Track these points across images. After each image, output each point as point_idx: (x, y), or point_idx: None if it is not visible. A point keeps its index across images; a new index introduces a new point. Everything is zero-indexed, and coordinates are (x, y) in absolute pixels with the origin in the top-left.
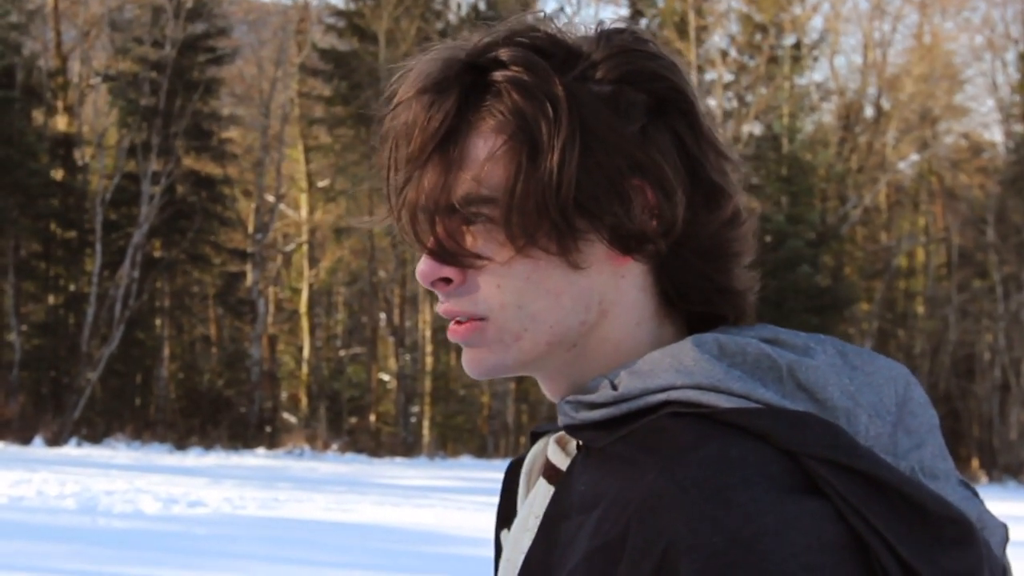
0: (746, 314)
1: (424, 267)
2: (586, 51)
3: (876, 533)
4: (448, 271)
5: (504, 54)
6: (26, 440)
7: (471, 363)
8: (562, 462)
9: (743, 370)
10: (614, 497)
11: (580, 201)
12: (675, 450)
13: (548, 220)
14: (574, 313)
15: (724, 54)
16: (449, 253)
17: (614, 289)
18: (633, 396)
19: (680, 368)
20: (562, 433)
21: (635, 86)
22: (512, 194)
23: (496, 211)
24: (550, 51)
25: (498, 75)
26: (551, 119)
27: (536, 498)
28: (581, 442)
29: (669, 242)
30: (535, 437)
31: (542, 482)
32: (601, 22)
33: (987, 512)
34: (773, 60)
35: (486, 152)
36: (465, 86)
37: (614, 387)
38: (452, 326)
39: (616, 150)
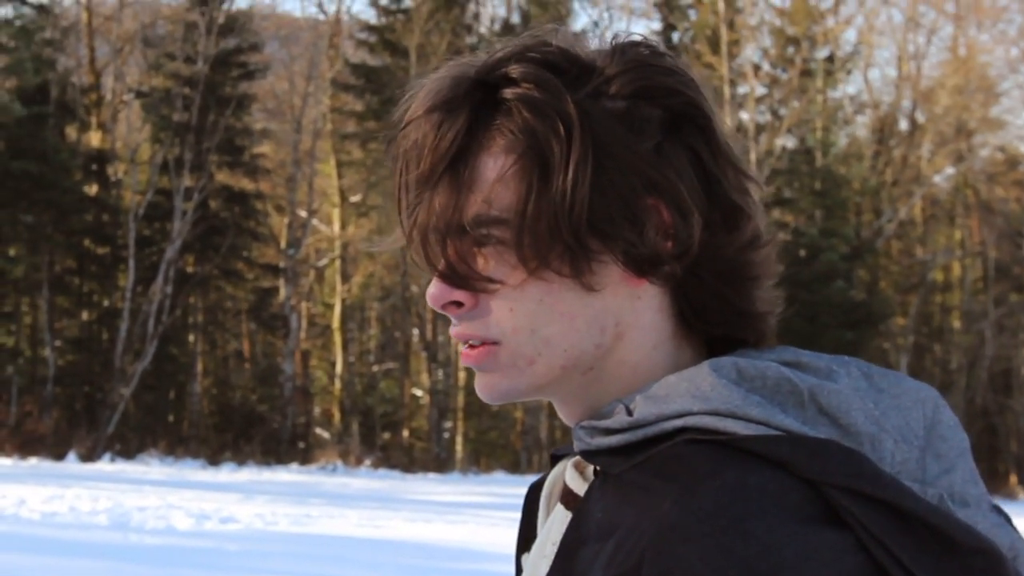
0: (767, 337)
1: (435, 290)
2: (600, 66)
3: (900, 565)
4: (459, 295)
5: (514, 71)
6: (60, 456)
7: (484, 388)
8: (580, 487)
9: (762, 395)
10: (630, 526)
11: (593, 222)
12: (691, 479)
13: (560, 241)
14: (589, 336)
15: (757, 67)
16: (460, 276)
17: (630, 311)
18: (648, 422)
19: (697, 393)
20: (580, 457)
21: (650, 102)
22: (523, 215)
23: (507, 233)
24: (562, 66)
25: (508, 92)
26: (562, 137)
27: (554, 524)
28: (598, 467)
29: (685, 264)
30: (555, 459)
31: (560, 507)
32: (616, 35)
33: (1020, 539)
34: (806, 73)
35: (496, 172)
36: (475, 104)
37: (629, 412)
38: (465, 350)
39: (630, 168)
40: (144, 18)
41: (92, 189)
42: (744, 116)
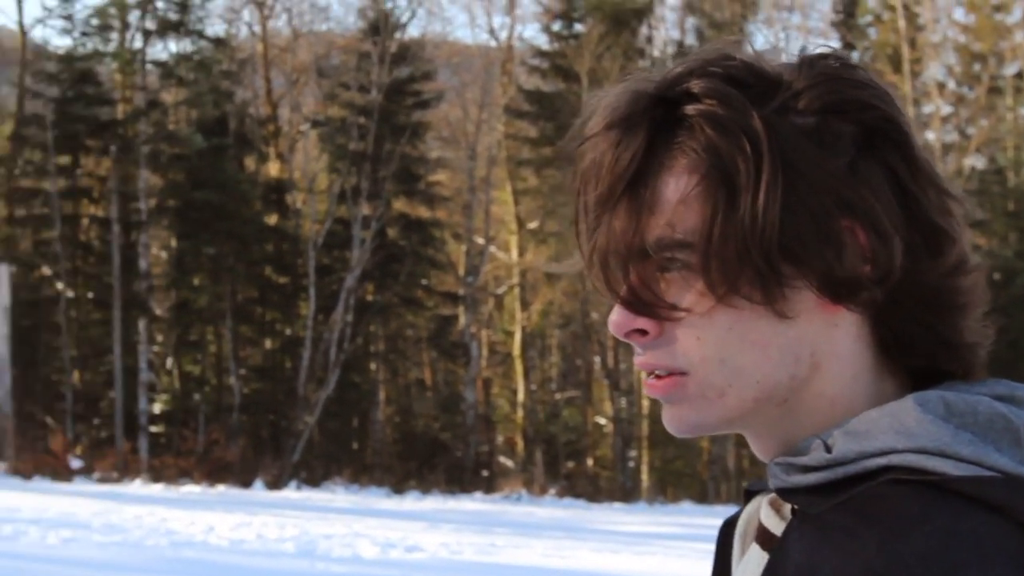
0: (976, 369)
1: (617, 318)
2: (787, 79)
3: None
4: (643, 322)
5: (696, 86)
6: (247, 483)
7: (672, 421)
8: (776, 526)
9: (973, 432)
10: (831, 571)
11: (784, 245)
12: (898, 522)
13: (750, 266)
14: (783, 366)
15: (941, 86)
16: (643, 303)
17: (827, 340)
18: (849, 460)
19: (901, 429)
20: (776, 495)
21: (842, 116)
22: (709, 239)
23: (693, 257)
24: (746, 81)
25: (690, 109)
26: (748, 155)
27: (749, 564)
28: (795, 506)
29: (885, 290)
30: (749, 495)
31: (755, 547)
32: (804, 48)
33: None
34: (994, 91)
35: (679, 193)
36: (655, 122)
37: (828, 449)
38: (651, 381)
39: (822, 188)
40: (318, 49)
41: (272, 219)
42: (930, 136)
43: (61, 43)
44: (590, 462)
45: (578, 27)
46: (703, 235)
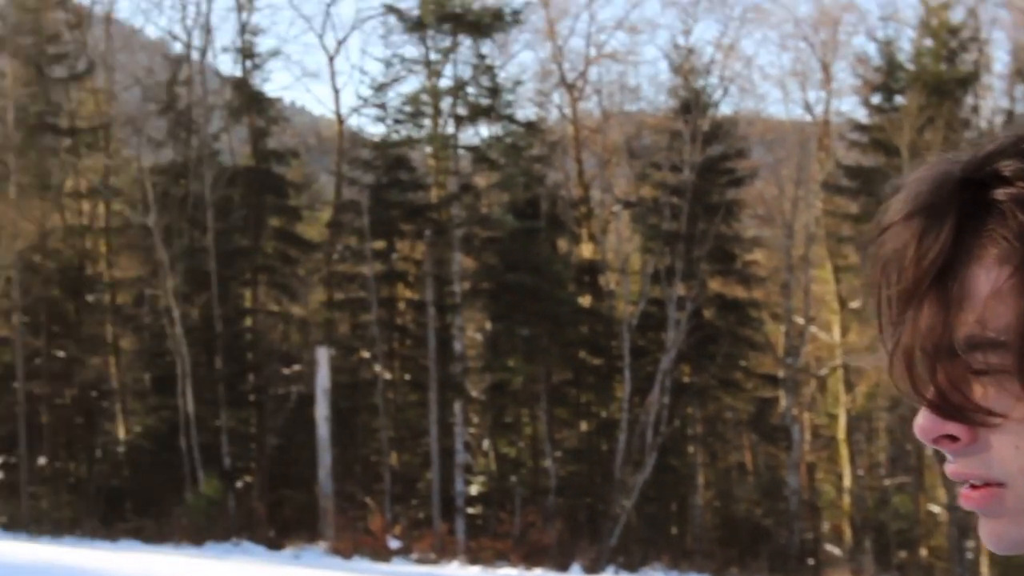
0: None
1: (924, 422)
2: None
3: None
4: (953, 428)
5: (1007, 168)
6: (564, 567)
7: (990, 536)
8: None
9: None
10: None
11: None
12: None
13: None
14: None
15: None
16: (953, 407)
17: None
18: None
19: None
20: None
21: None
22: None
23: (1008, 357)
24: None
25: (1000, 193)
26: None
27: None
28: None
29: None
30: None
31: None
32: None
33: None
34: None
35: (989, 286)
36: (961, 208)
37: None
38: (964, 491)
39: None
40: (629, 129)
41: (585, 300)
42: None
43: (375, 131)
44: (924, 552)
45: (898, 99)
46: (1018, 333)
